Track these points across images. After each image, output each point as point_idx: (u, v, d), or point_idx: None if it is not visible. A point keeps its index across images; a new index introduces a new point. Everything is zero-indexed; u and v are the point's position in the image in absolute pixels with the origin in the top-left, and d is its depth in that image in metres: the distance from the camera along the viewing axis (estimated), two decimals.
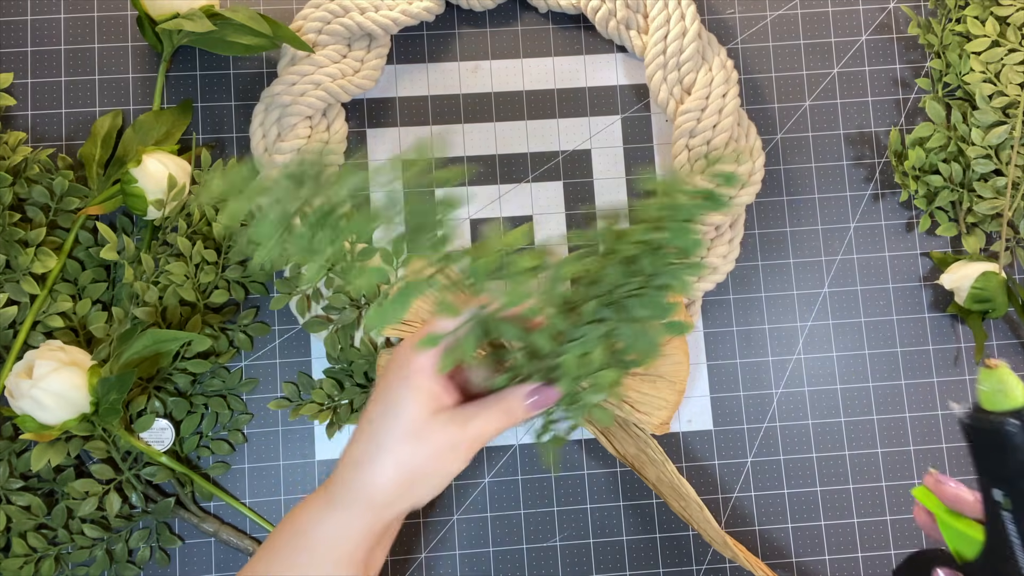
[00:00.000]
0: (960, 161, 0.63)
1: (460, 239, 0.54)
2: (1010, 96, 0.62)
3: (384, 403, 0.45)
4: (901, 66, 0.66)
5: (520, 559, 0.60)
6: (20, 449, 0.57)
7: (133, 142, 0.60)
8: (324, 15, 0.61)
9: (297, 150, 0.60)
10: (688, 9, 0.62)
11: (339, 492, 0.45)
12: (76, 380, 0.52)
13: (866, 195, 0.65)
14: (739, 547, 0.56)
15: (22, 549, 0.55)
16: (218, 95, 0.63)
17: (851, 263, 0.64)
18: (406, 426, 0.44)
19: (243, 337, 0.60)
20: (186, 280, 0.57)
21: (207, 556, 0.59)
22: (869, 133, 0.65)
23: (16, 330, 0.56)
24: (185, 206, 0.59)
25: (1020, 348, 0.64)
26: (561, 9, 0.64)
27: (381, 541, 0.47)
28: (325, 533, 0.45)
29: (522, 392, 0.44)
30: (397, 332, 0.54)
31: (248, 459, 0.60)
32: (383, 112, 0.64)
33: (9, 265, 0.56)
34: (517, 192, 0.63)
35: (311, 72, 0.60)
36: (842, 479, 0.62)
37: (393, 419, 0.44)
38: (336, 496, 0.45)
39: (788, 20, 0.66)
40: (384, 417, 0.44)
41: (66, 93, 0.62)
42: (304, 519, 0.46)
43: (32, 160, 0.58)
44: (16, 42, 0.62)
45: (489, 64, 0.65)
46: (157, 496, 0.58)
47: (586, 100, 0.65)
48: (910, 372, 0.63)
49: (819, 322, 0.63)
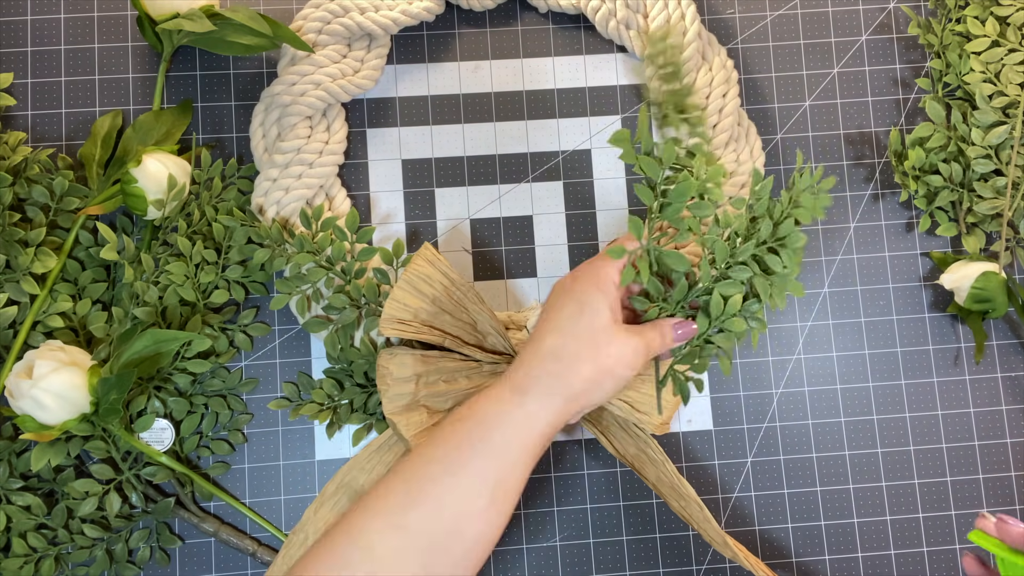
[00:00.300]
0: (960, 161, 0.63)
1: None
2: (1010, 96, 0.62)
3: (579, 303, 0.48)
4: (901, 66, 0.66)
5: (520, 559, 0.60)
6: (20, 449, 0.57)
7: (133, 142, 0.60)
8: (324, 15, 0.61)
9: (297, 150, 0.60)
10: (688, 9, 0.62)
11: (532, 384, 0.47)
12: (76, 380, 0.52)
13: (866, 195, 0.65)
14: (739, 547, 0.56)
15: (22, 549, 0.55)
16: (218, 95, 0.63)
17: (851, 263, 0.64)
18: (601, 326, 0.47)
19: (243, 337, 0.60)
20: (186, 280, 0.57)
21: (207, 556, 0.59)
22: (869, 133, 0.65)
23: (16, 330, 0.56)
24: (185, 206, 0.59)
25: (1020, 348, 0.64)
26: (561, 9, 0.64)
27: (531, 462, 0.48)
28: (512, 425, 0.46)
29: (672, 322, 0.50)
30: (397, 332, 0.54)
31: (248, 459, 0.60)
32: (383, 112, 0.64)
33: (9, 265, 0.56)
34: (517, 192, 0.63)
35: (311, 72, 0.60)
36: (842, 479, 0.62)
37: (590, 318, 0.47)
38: (529, 388, 0.47)
39: (788, 20, 0.66)
40: (580, 316, 0.47)
41: (66, 93, 0.62)
42: (491, 410, 0.47)
43: (32, 160, 0.58)
44: (16, 42, 0.62)
45: (489, 64, 0.65)
46: (157, 496, 0.58)
47: (586, 100, 0.65)
48: (910, 372, 0.63)
49: (819, 322, 0.63)
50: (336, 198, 0.62)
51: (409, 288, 0.55)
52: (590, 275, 0.48)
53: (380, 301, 0.58)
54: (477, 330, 0.56)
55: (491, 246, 0.63)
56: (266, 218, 0.59)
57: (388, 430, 0.59)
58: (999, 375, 0.63)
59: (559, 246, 0.63)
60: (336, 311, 0.58)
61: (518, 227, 0.63)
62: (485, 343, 0.56)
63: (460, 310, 0.56)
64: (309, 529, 0.58)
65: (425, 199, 0.63)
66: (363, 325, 0.58)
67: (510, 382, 0.47)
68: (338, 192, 0.62)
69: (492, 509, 0.45)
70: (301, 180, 0.60)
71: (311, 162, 0.60)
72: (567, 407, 0.47)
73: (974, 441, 0.63)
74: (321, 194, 0.61)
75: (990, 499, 0.62)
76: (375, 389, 0.59)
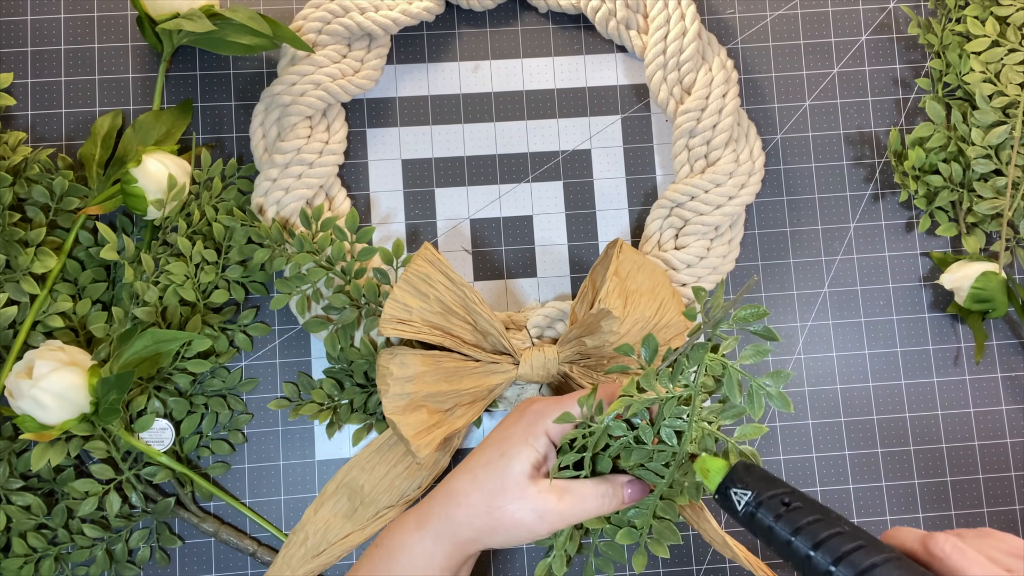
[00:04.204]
0: (960, 161, 0.63)
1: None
2: (1010, 96, 0.62)
3: (500, 452, 0.48)
4: (901, 66, 0.66)
5: (521, 559, 0.60)
6: (20, 449, 0.57)
7: (133, 142, 0.60)
8: (324, 15, 0.61)
9: (297, 150, 0.60)
10: (688, 9, 0.62)
11: (430, 521, 0.49)
12: (76, 380, 0.52)
13: (866, 195, 0.65)
14: (739, 547, 0.56)
15: (22, 549, 0.55)
16: (218, 95, 0.63)
17: (851, 263, 0.64)
18: (512, 481, 0.47)
19: (243, 337, 0.60)
20: (186, 280, 0.57)
21: (207, 556, 0.59)
22: (869, 133, 0.65)
23: (16, 330, 0.56)
24: (185, 206, 0.59)
25: (1020, 348, 0.64)
26: (561, 9, 0.64)
27: (460, 571, 0.50)
28: (412, 558, 0.49)
29: (623, 479, 0.48)
30: (397, 332, 0.54)
31: (248, 459, 0.60)
32: (383, 112, 0.64)
33: (9, 265, 0.56)
34: (517, 192, 0.63)
35: (311, 72, 0.60)
36: (842, 479, 0.62)
37: (502, 471, 0.47)
38: (427, 524, 0.49)
39: (788, 20, 0.66)
40: (494, 465, 0.48)
41: (66, 93, 0.62)
42: (396, 540, 0.50)
43: (32, 160, 0.58)
44: (16, 42, 0.62)
45: (489, 64, 0.65)
46: (157, 496, 0.58)
47: (586, 100, 0.65)
48: (910, 372, 0.63)
49: (819, 322, 0.63)
50: (336, 198, 0.62)
51: (409, 288, 0.55)
52: (526, 425, 0.48)
53: (380, 301, 0.58)
54: (477, 330, 0.56)
55: (491, 246, 0.63)
56: (266, 218, 0.59)
57: (388, 430, 0.59)
58: (999, 375, 0.63)
59: (559, 246, 0.63)
60: (336, 311, 0.58)
61: (518, 227, 0.63)
62: (485, 343, 0.56)
63: (460, 310, 0.56)
64: (309, 529, 0.58)
65: (425, 199, 0.63)
66: (363, 325, 0.58)
67: (416, 513, 0.50)
68: (338, 192, 0.62)
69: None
70: (301, 180, 0.60)
71: (311, 162, 0.60)
72: (457, 550, 0.48)
73: (974, 441, 0.63)
74: (321, 194, 0.61)
75: (990, 499, 0.62)
76: (375, 389, 0.59)
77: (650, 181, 0.64)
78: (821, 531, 0.39)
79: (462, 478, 0.49)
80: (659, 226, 0.62)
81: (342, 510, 0.58)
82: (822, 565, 0.38)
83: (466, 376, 0.55)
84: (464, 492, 0.48)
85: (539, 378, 0.57)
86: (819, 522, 0.40)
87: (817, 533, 0.39)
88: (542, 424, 0.48)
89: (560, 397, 0.50)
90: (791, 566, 0.41)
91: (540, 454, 0.48)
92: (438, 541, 0.48)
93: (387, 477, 0.59)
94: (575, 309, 0.58)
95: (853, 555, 0.38)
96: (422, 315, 0.55)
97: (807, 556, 0.39)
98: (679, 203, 0.61)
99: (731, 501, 0.42)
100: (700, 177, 0.61)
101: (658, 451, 0.46)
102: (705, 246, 0.61)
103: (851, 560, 0.38)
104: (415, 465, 0.58)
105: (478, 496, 0.47)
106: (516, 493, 0.47)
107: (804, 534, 0.39)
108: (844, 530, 0.39)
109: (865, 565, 0.38)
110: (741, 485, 0.42)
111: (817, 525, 0.40)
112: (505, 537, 0.48)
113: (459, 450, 0.61)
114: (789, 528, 0.40)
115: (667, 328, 0.57)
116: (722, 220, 0.61)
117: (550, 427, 0.48)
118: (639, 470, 0.48)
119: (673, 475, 0.47)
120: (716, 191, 0.61)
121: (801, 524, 0.40)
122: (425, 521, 0.49)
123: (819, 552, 0.39)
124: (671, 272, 0.61)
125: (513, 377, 0.56)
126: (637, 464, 0.47)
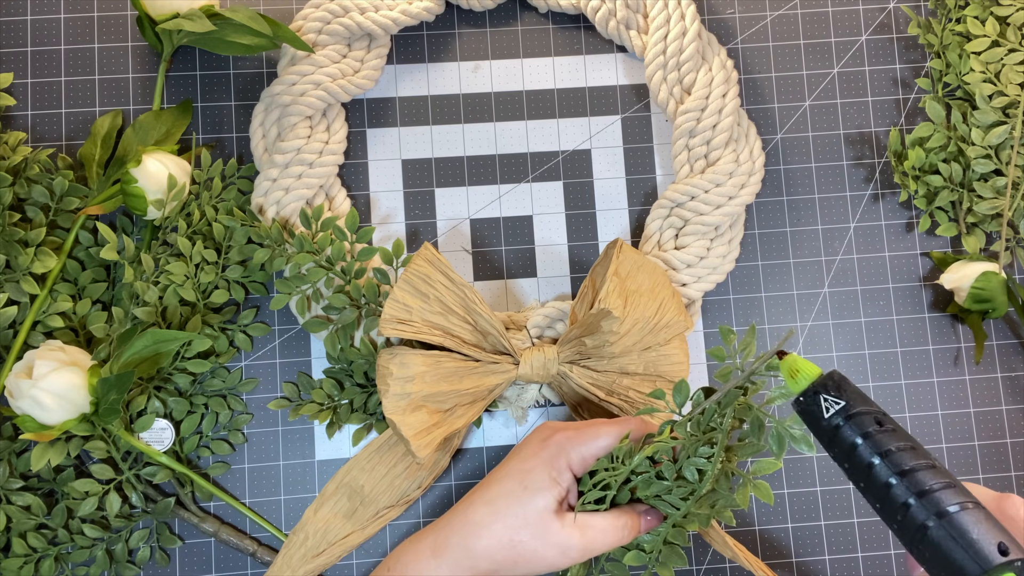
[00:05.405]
0: (960, 161, 0.63)
1: None
2: (1010, 96, 0.62)
3: (522, 485, 0.47)
4: (901, 66, 0.66)
5: None
6: (20, 449, 0.57)
7: (133, 142, 0.60)
8: (324, 15, 0.61)
9: (297, 150, 0.60)
10: (688, 9, 0.62)
11: (447, 550, 0.48)
12: (76, 380, 0.52)
13: (866, 195, 0.65)
14: (739, 547, 0.56)
15: (22, 549, 0.55)
16: (218, 95, 0.63)
17: (851, 263, 0.64)
18: (534, 517, 0.46)
19: (243, 337, 0.60)
20: (186, 280, 0.57)
21: (207, 556, 0.59)
22: (869, 133, 0.65)
23: (16, 330, 0.56)
24: (185, 206, 0.59)
25: (1020, 348, 0.64)
26: (561, 9, 0.64)
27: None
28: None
29: (640, 509, 0.48)
30: (398, 332, 0.54)
31: (248, 459, 0.60)
32: (383, 112, 0.64)
33: (9, 265, 0.56)
34: (517, 192, 0.63)
35: (311, 72, 0.60)
36: (842, 479, 0.62)
37: (525, 505, 0.47)
38: (443, 552, 0.48)
39: (788, 20, 0.66)
40: (517, 499, 0.47)
41: (66, 93, 0.62)
42: (410, 566, 0.48)
43: (32, 160, 0.58)
44: (16, 42, 0.62)
45: (489, 64, 0.65)
46: (157, 496, 0.58)
47: (586, 100, 0.65)
48: (910, 372, 0.63)
49: (819, 322, 0.63)
50: (336, 198, 0.62)
51: (409, 288, 0.55)
52: (550, 457, 0.48)
53: (380, 301, 0.58)
54: (477, 330, 0.56)
55: (491, 246, 0.63)
56: (266, 218, 0.59)
57: (388, 430, 0.59)
58: (999, 375, 0.63)
59: (559, 246, 0.63)
60: (336, 311, 0.58)
61: (518, 227, 0.63)
62: (485, 343, 0.56)
63: (460, 310, 0.56)
64: (309, 529, 0.58)
65: (425, 199, 0.63)
66: (363, 325, 0.58)
67: (432, 539, 0.49)
68: (338, 192, 0.62)
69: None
70: (301, 180, 0.60)
71: (311, 162, 0.60)
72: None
73: (974, 441, 0.63)
74: (321, 194, 0.61)
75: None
76: (375, 389, 0.59)
77: (650, 181, 0.64)
78: (909, 460, 0.37)
79: (481, 509, 0.48)
80: (659, 226, 0.62)
81: (342, 510, 0.58)
82: (901, 496, 0.36)
83: (466, 376, 0.55)
84: (485, 524, 0.48)
85: (539, 378, 0.57)
86: (910, 450, 0.37)
87: (904, 461, 0.37)
88: (565, 458, 0.48)
89: (579, 425, 0.49)
90: (861, 488, 0.38)
91: (564, 489, 0.47)
92: (455, 570, 0.48)
93: (387, 477, 0.59)
94: (575, 309, 0.58)
95: (938, 493, 0.36)
96: (422, 315, 0.55)
97: (886, 483, 0.37)
98: (679, 203, 0.61)
99: (816, 408, 0.39)
100: (700, 177, 0.61)
101: (678, 486, 0.47)
102: (705, 246, 0.61)
103: (935, 498, 0.36)
104: (415, 465, 0.58)
105: (500, 529, 0.47)
106: (539, 529, 0.46)
107: (891, 459, 0.37)
108: (934, 464, 0.37)
109: (948, 505, 0.36)
110: (834, 393, 0.39)
111: (906, 453, 0.37)
112: (525, 570, 0.47)
113: (459, 450, 0.61)
114: (876, 449, 0.37)
115: (667, 328, 0.57)
116: (722, 220, 0.61)
117: (573, 460, 0.48)
118: (656, 500, 0.48)
119: (690, 507, 0.47)
120: (716, 191, 0.61)
121: (890, 448, 0.37)
122: (442, 550, 0.48)
123: (903, 481, 0.37)
124: (671, 272, 0.61)
125: (513, 377, 0.56)
126: (654, 495, 0.48)
